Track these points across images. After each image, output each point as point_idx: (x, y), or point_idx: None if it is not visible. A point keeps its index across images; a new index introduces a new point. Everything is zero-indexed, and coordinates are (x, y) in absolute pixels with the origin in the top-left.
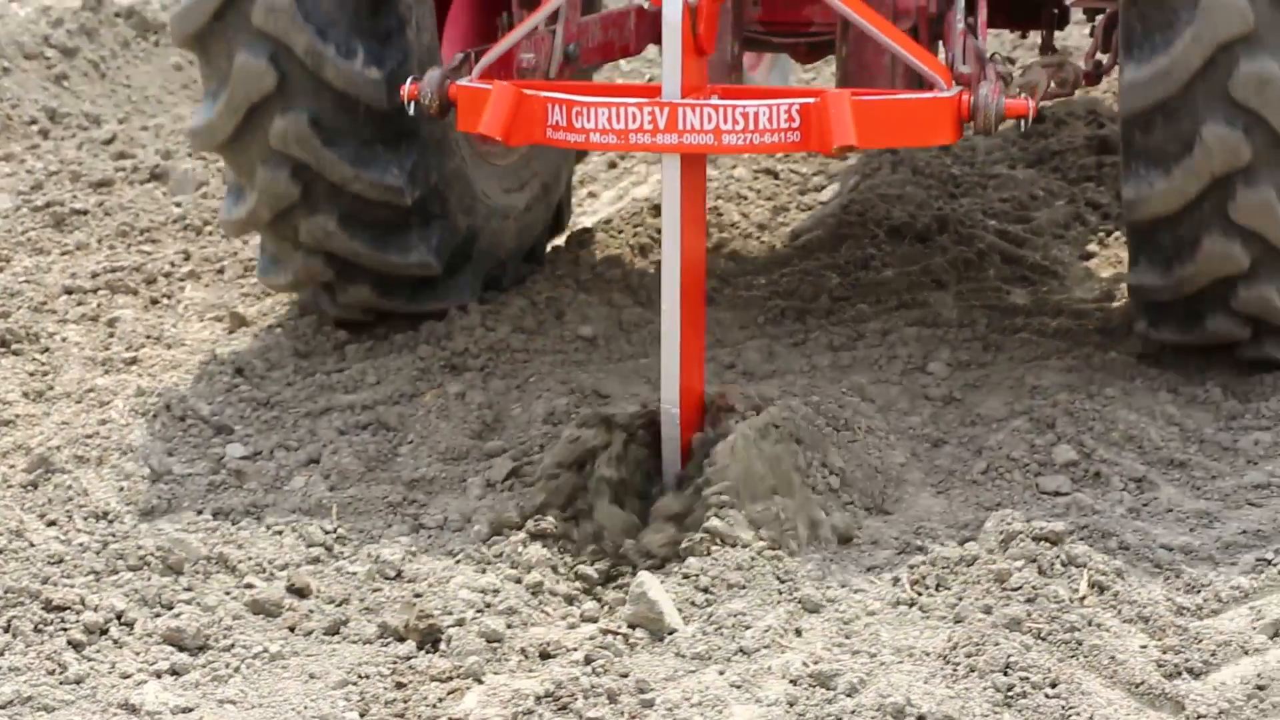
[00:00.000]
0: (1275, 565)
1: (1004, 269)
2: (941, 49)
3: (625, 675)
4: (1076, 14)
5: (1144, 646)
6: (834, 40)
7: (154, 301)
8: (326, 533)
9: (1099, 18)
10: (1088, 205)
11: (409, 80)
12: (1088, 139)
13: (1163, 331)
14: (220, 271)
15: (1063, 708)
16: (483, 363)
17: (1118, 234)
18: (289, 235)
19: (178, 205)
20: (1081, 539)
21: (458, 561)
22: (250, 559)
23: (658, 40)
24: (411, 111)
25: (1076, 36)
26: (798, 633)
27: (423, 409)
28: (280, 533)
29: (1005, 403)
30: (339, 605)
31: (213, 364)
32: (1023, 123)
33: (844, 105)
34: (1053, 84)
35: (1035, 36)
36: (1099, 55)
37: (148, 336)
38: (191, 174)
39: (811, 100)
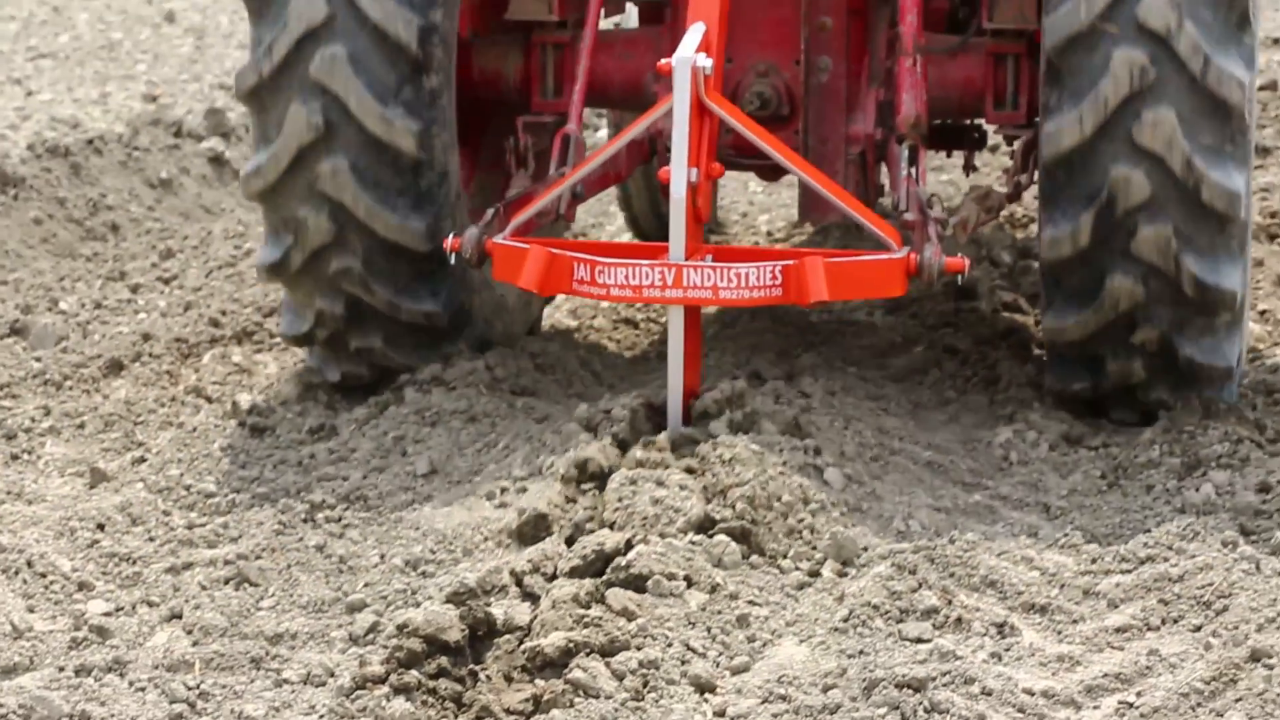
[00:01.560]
0: (1137, 708)
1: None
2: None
3: None
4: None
5: None
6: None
7: (14, 457)
8: (189, 689)
9: (1017, 142)
10: (945, 351)
11: (450, 234)
12: (946, 285)
13: (1069, 380)
14: (81, 426)
15: None
16: (339, 513)
17: (976, 379)
18: (317, 279)
19: (38, 360)
20: (944, 685)
21: (321, 717)
22: (113, 716)
23: (645, 161)
24: (453, 261)
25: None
26: None
27: (284, 562)
28: (143, 689)
29: (872, 544)
30: None
31: (74, 520)
32: (960, 278)
33: (819, 267)
34: (981, 213)
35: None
36: (1018, 176)
37: (8, 492)
38: (51, 329)
39: (792, 262)
